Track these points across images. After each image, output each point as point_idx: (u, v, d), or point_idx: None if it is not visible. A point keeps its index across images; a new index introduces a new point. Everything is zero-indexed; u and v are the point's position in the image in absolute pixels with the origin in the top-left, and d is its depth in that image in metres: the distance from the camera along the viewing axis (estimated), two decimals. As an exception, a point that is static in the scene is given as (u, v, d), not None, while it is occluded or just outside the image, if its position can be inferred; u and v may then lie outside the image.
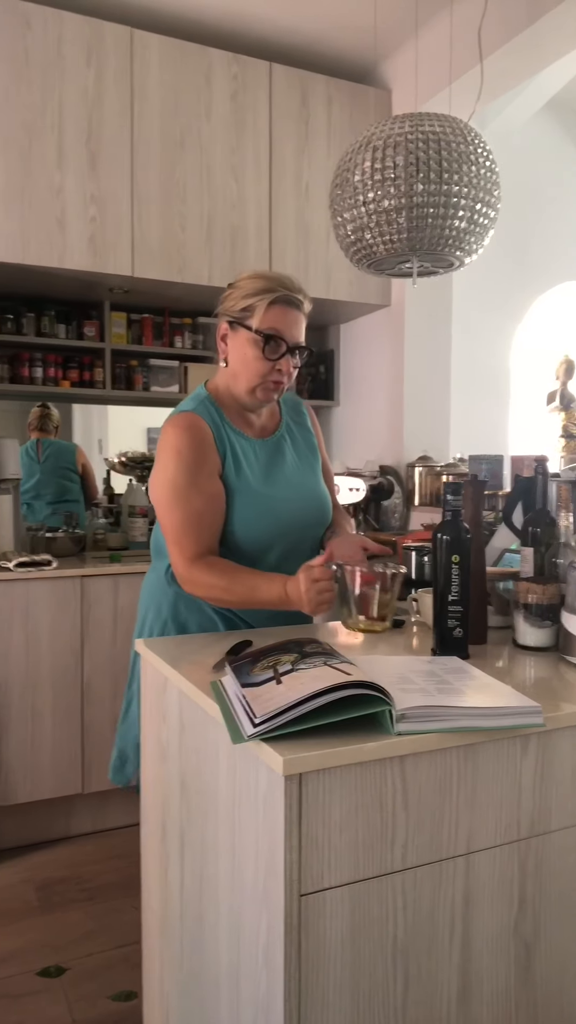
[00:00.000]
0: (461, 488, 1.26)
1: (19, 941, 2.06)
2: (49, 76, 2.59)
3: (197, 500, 1.45)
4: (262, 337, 1.48)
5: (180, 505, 1.45)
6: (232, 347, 1.53)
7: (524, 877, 1.05)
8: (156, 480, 1.50)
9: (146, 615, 1.62)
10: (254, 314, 1.48)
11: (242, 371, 1.52)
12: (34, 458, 3.26)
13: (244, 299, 1.49)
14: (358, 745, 0.92)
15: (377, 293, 3.21)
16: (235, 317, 1.51)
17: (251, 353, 1.50)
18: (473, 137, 1.78)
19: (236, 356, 1.52)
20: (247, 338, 1.50)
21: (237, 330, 1.51)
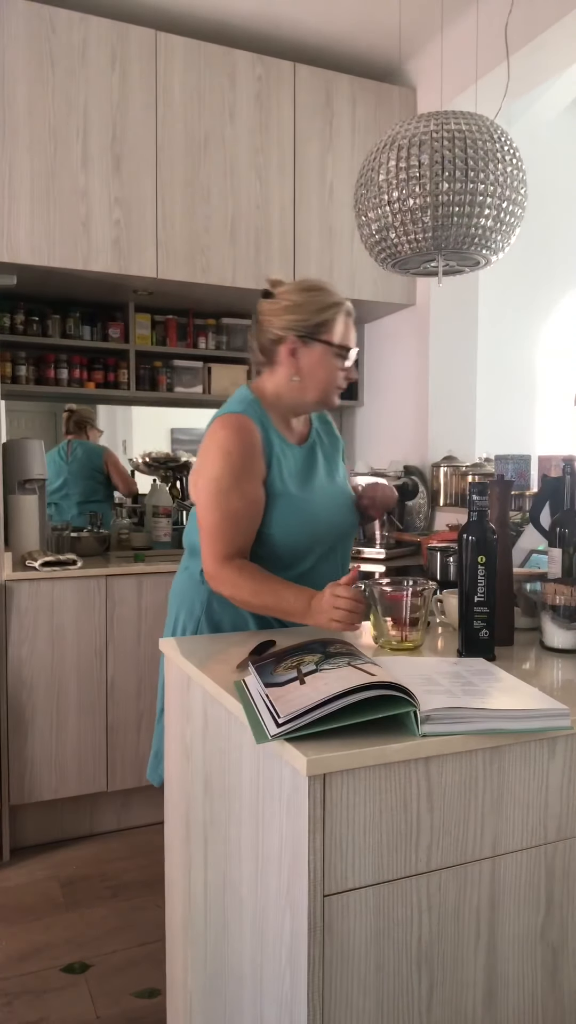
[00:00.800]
0: (487, 488, 1.25)
1: (44, 937, 2.08)
2: (74, 80, 2.61)
3: (238, 502, 1.47)
4: (344, 350, 1.56)
5: (220, 505, 1.47)
6: (305, 360, 1.56)
7: (551, 881, 1.04)
8: (201, 477, 1.52)
9: (178, 614, 1.63)
10: (331, 329, 1.55)
11: (316, 382, 1.56)
12: (64, 458, 3.30)
13: (317, 314, 1.54)
14: (382, 746, 0.91)
15: (402, 292, 3.20)
16: (308, 332, 1.55)
17: (330, 364, 1.56)
18: (499, 135, 1.76)
19: (310, 368, 1.56)
20: (324, 351, 1.55)
21: (310, 344, 1.55)
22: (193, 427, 3.53)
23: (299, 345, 1.55)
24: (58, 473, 3.30)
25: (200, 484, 1.51)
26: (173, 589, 1.68)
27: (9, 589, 2.47)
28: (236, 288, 2.90)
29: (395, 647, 1.33)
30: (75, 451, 3.33)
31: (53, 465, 3.28)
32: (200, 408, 3.45)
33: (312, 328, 1.54)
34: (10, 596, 2.48)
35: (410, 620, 1.32)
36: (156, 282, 2.81)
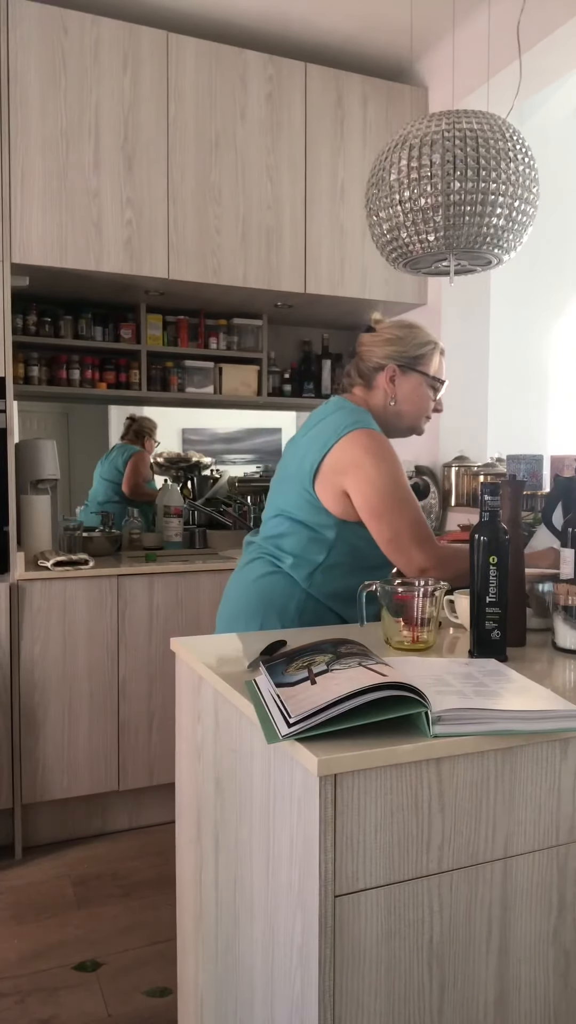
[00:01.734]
0: (499, 488, 1.25)
1: (56, 935, 2.08)
2: (86, 81, 2.62)
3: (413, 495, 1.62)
4: (438, 383, 1.75)
5: (411, 504, 1.59)
6: (402, 388, 1.72)
7: (564, 883, 1.04)
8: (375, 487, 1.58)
9: (265, 616, 1.65)
10: (429, 362, 1.74)
11: (411, 410, 1.74)
12: (102, 462, 3.37)
13: (416, 347, 1.73)
14: (394, 747, 0.91)
15: (413, 292, 3.20)
16: (407, 362, 1.72)
17: (424, 394, 1.74)
18: (511, 134, 1.76)
19: (407, 397, 1.73)
20: (420, 381, 1.73)
21: (409, 374, 1.72)
22: (204, 427, 3.54)
23: (398, 373, 1.71)
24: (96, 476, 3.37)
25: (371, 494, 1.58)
26: (252, 592, 1.69)
27: (22, 589, 2.49)
28: (247, 288, 2.90)
29: (406, 647, 1.32)
30: (111, 453, 3.37)
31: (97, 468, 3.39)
32: (211, 408, 3.46)
33: (411, 359, 1.72)
34: (23, 596, 2.49)
35: (422, 620, 1.32)
36: (167, 283, 2.82)
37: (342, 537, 1.62)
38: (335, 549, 1.63)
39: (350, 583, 1.60)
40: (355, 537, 1.62)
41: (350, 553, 1.63)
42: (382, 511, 1.57)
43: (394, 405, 1.72)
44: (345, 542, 1.62)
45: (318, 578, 1.64)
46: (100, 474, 3.37)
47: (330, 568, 1.63)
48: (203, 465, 3.50)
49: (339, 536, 1.62)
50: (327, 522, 1.62)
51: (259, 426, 3.61)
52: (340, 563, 1.63)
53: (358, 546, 1.62)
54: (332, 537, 1.62)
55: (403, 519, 1.56)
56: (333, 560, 1.63)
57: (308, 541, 1.64)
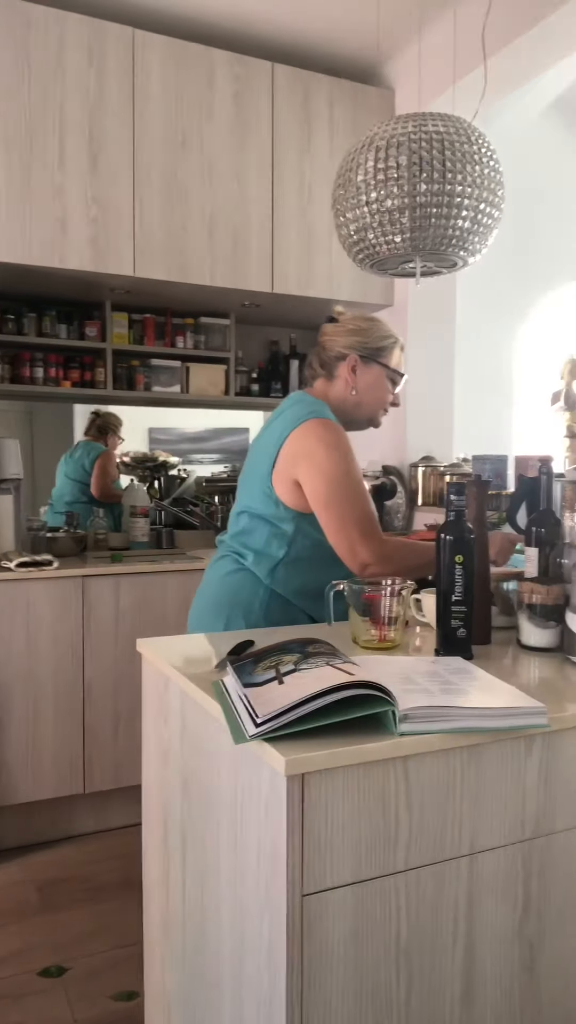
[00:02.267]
0: (465, 488, 1.26)
1: (20, 941, 2.05)
2: (50, 76, 2.59)
3: (363, 489, 1.62)
4: (396, 376, 1.75)
5: (360, 495, 1.59)
6: (362, 379, 1.72)
7: (528, 878, 1.05)
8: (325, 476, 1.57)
9: (231, 615, 1.64)
10: (390, 354, 1.74)
11: (370, 401, 1.74)
12: (66, 459, 3.30)
13: (379, 340, 1.73)
14: (361, 745, 0.91)
15: (380, 293, 3.21)
16: (369, 353, 1.72)
17: (383, 387, 1.74)
18: (477, 137, 1.78)
19: (367, 387, 1.73)
20: (381, 374, 1.73)
21: (370, 365, 1.72)
22: (171, 426, 3.52)
23: (359, 363, 1.71)
24: (59, 474, 3.31)
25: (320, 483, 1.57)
26: (218, 591, 1.68)
27: (-16, 590, 2.45)
28: (214, 287, 2.89)
29: (374, 646, 1.33)
30: (76, 451, 3.31)
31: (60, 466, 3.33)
32: (178, 407, 3.44)
33: (373, 351, 1.72)
34: (-15, 597, 2.45)
35: (389, 619, 1.32)
36: (133, 281, 2.80)
37: (301, 530, 1.62)
38: (295, 543, 1.62)
39: (313, 578, 1.60)
40: (315, 530, 1.61)
41: (312, 547, 1.62)
42: (329, 501, 1.56)
43: (354, 395, 1.72)
44: (305, 536, 1.62)
45: (280, 574, 1.63)
46: (66, 473, 3.32)
47: (292, 563, 1.63)
48: (170, 465, 3.47)
49: (298, 530, 1.62)
50: (285, 516, 1.62)
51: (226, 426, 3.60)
52: (302, 557, 1.63)
53: (319, 540, 1.61)
54: (291, 531, 1.62)
55: (351, 511, 1.56)
56: (295, 555, 1.63)
57: (269, 536, 1.64)
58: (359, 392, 1.72)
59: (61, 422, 3.36)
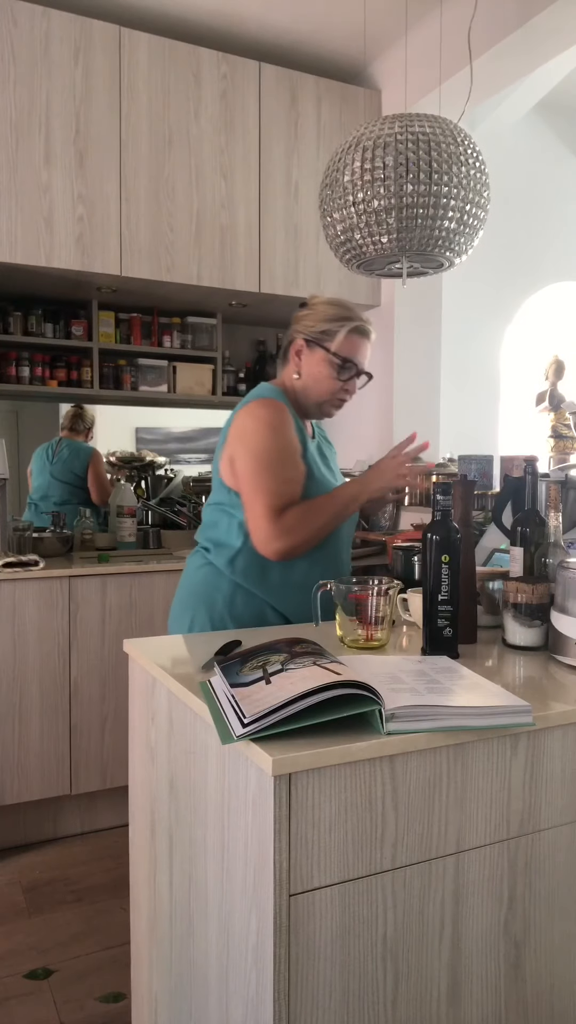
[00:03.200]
0: (451, 488, 1.26)
1: (6, 944, 2.04)
2: (36, 74, 2.58)
3: (292, 471, 1.57)
4: (339, 360, 1.64)
5: (275, 473, 1.54)
6: (306, 363, 1.67)
7: (514, 876, 1.06)
8: (248, 450, 1.55)
9: (195, 611, 1.63)
10: (333, 338, 1.64)
11: (314, 387, 1.67)
12: (49, 459, 3.25)
13: (324, 322, 1.65)
14: (348, 745, 0.92)
15: (367, 293, 3.22)
16: (313, 337, 1.65)
17: (325, 372, 1.65)
18: (463, 138, 1.78)
19: (310, 372, 1.67)
20: (323, 358, 1.65)
21: (314, 349, 1.66)
22: (158, 426, 3.51)
23: (304, 348, 1.67)
24: (40, 474, 3.26)
25: (244, 459, 1.55)
26: (186, 587, 1.68)
27: (-30, 590, 2.43)
28: (201, 287, 2.88)
29: (360, 646, 1.33)
30: (62, 451, 3.27)
31: (38, 466, 3.25)
32: (165, 407, 3.43)
33: (318, 335, 1.65)
34: (-29, 597, 2.43)
35: (375, 619, 1.33)
36: (120, 280, 2.79)
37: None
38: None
39: (273, 566, 1.59)
40: None
41: None
42: (246, 475, 1.55)
43: (298, 379, 1.67)
44: None
45: (240, 564, 1.61)
46: (52, 473, 3.29)
47: (251, 551, 1.60)
48: (157, 464, 3.46)
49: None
50: (236, 502, 1.60)
51: (214, 425, 3.59)
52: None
53: None
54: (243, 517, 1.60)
55: (261, 485, 1.53)
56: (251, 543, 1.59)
57: (227, 526, 1.62)
58: (303, 377, 1.67)
59: (47, 422, 3.34)
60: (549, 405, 3.44)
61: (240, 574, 1.61)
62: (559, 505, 1.46)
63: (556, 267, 3.87)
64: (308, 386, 1.67)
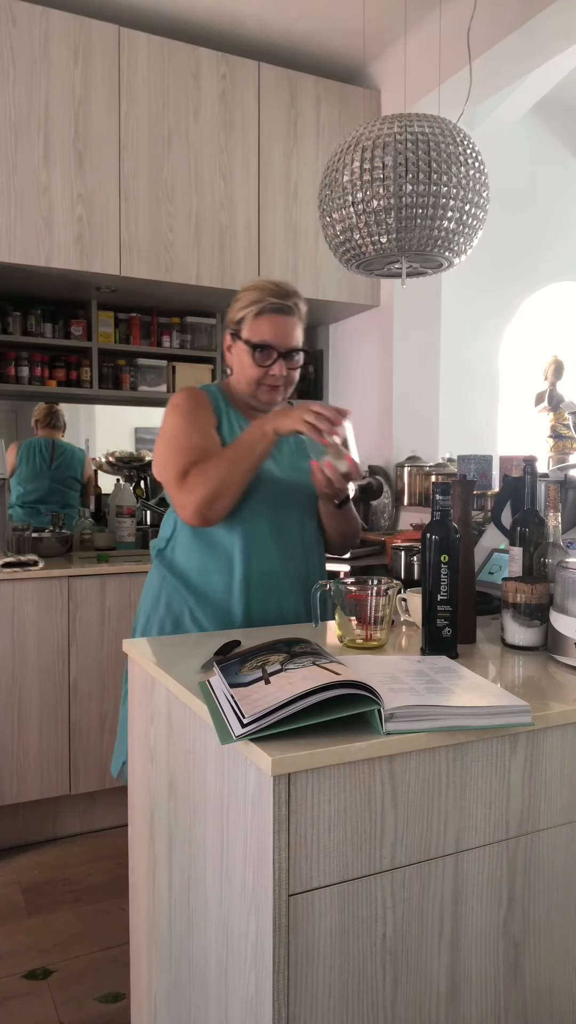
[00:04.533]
0: (450, 488, 1.26)
1: (5, 944, 2.04)
2: (35, 74, 2.58)
3: (197, 438, 1.53)
4: (251, 347, 1.57)
5: (180, 444, 1.53)
6: (233, 356, 1.63)
7: (513, 876, 1.06)
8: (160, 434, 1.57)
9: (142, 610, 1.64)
10: (245, 325, 1.58)
11: (241, 377, 1.62)
12: (47, 461, 3.22)
13: (239, 311, 1.60)
14: (347, 745, 0.92)
15: (366, 293, 3.22)
16: (233, 329, 1.62)
17: (246, 361, 1.59)
18: (462, 138, 1.78)
19: (235, 364, 1.63)
20: (242, 348, 1.59)
21: (236, 340, 1.61)
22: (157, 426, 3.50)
23: (230, 341, 1.63)
24: (38, 476, 3.22)
25: (158, 444, 1.57)
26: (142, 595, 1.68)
27: (-31, 590, 2.43)
28: (200, 287, 2.88)
29: (360, 646, 1.33)
30: (60, 456, 3.24)
31: (32, 468, 3.21)
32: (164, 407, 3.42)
33: (235, 325, 1.61)
34: (-30, 597, 2.43)
35: (375, 619, 1.33)
36: (119, 280, 2.79)
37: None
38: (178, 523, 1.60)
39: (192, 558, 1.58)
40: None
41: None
42: (158, 457, 1.56)
43: (230, 373, 1.64)
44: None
45: (168, 555, 1.62)
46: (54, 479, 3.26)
47: (177, 539, 1.61)
48: (154, 463, 3.46)
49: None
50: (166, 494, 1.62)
51: (213, 425, 3.59)
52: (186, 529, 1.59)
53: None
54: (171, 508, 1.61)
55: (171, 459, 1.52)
56: (179, 529, 1.60)
57: (165, 521, 1.66)
58: (234, 372, 1.63)
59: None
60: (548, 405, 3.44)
61: (167, 563, 1.61)
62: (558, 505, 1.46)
63: (555, 267, 3.87)
64: (238, 379, 1.62)
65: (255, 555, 1.55)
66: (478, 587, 1.66)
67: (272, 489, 1.57)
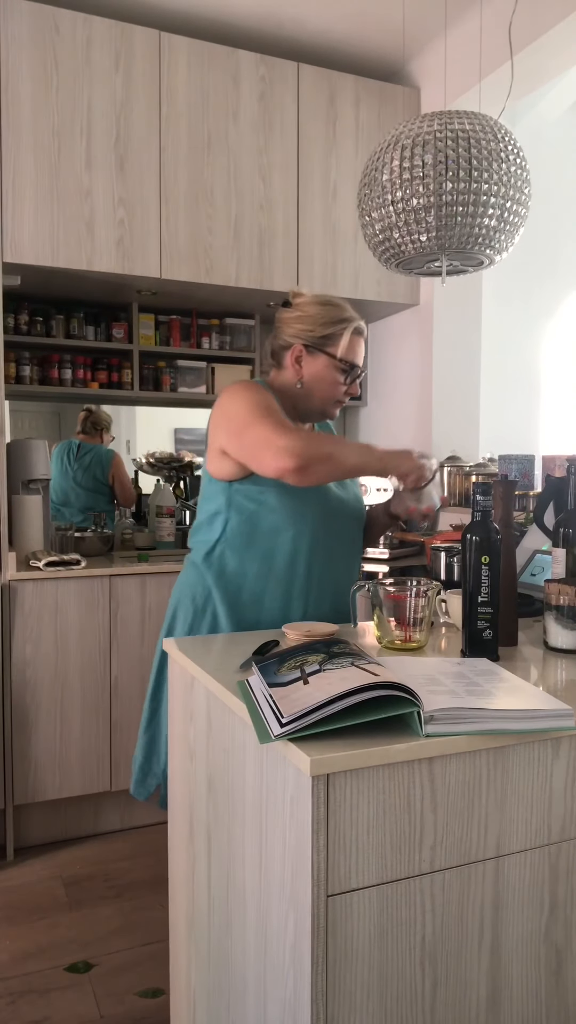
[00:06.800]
0: (491, 488, 1.25)
1: (47, 937, 2.08)
2: (78, 80, 2.62)
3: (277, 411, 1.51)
4: (346, 365, 1.62)
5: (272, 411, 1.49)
6: (308, 369, 1.62)
7: (555, 881, 1.04)
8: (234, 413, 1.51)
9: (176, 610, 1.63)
10: (337, 342, 1.61)
11: (318, 391, 1.63)
12: (70, 464, 3.27)
13: (324, 326, 1.61)
14: (386, 746, 0.91)
15: (406, 292, 3.20)
16: (314, 342, 1.61)
17: (331, 377, 1.62)
18: (503, 135, 1.76)
19: (312, 377, 1.62)
20: (327, 363, 1.61)
21: (315, 354, 1.61)
22: (197, 427, 3.54)
23: (304, 354, 1.62)
24: (61, 479, 3.25)
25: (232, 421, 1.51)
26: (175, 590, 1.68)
27: (13, 589, 2.48)
28: (239, 288, 2.90)
29: (399, 647, 1.33)
30: (83, 457, 3.29)
31: (58, 470, 3.24)
32: (204, 408, 3.45)
33: (318, 340, 1.61)
34: (14, 596, 2.48)
35: (414, 620, 1.32)
36: (160, 282, 2.81)
37: (233, 504, 1.56)
38: (230, 521, 1.57)
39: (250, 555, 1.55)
40: (247, 501, 1.55)
41: (246, 521, 1.56)
42: (240, 430, 1.48)
43: (300, 388, 1.62)
44: (237, 510, 1.56)
45: (216, 556, 1.58)
46: (75, 479, 3.29)
47: (228, 542, 1.57)
48: (196, 465, 3.49)
49: (230, 503, 1.57)
50: (216, 491, 1.58)
51: (251, 426, 3.60)
52: (237, 532, 1.57)
53: (253, 511, 1.55)
54: (224, 506, 1.57)
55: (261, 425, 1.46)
56: (229, 532, 1.57)
57: (208, 519, 1.60)
58: (305, 384, 1.62)
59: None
60: (592, 404, 3.37)
61: (215, 565, 1.58)
62: (602, 506, 1.44)
63: (599, 263, 3.79)
64: (312, 393, 1.62)
65: (316, 562, 1.58)
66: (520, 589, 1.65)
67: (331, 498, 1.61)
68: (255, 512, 1.55)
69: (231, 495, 1.56)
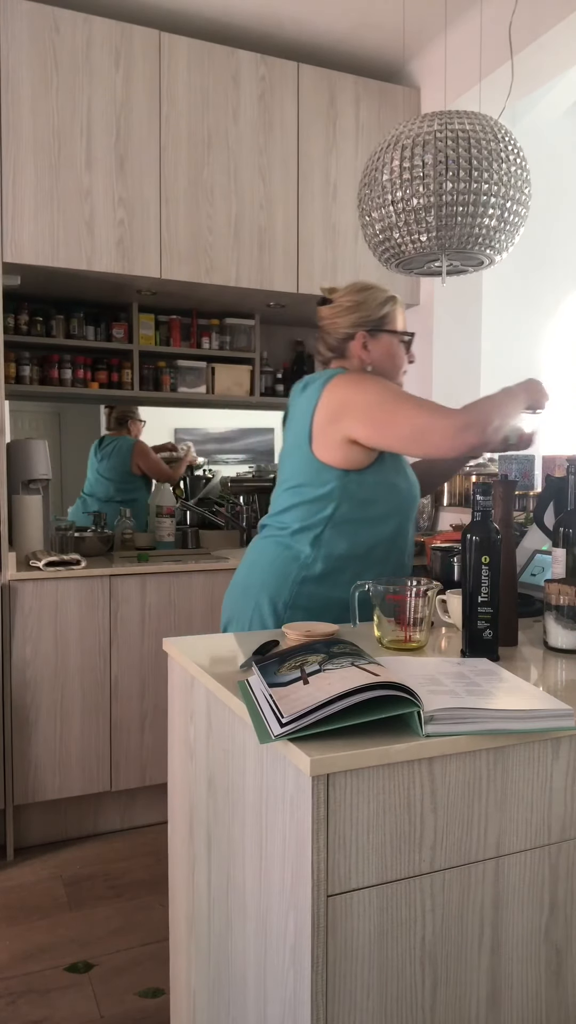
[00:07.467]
0: (491, 488, 1.25)
1: (47, 937, 2.08)
2: (78, 80, 2.62)
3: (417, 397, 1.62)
4: (408, 336, 1.78)
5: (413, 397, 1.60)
6: (375, 351, 1.74)
7: (555, 881, 1.04)
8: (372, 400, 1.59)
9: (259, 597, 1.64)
10: (393, 319, 1.75)
11: (388, 367, 1.75)
12: (96, 457, 3.32)
13: (379, 308, 1.74)
14: (386, 746, 0.91)
15: (406, 292, 3.20)
16: (374, 325, 1.74)
17: (396, 351, 1.76)
18: (503, 135, 1.76)
19: (381, 356, 1.75)
20: (390, 340, 1.75)
21: (377, 336, 1.74)
22: (197, 427, 3.54)
23: (368, 339, 1.73)
24: (91, 469, 3.32)
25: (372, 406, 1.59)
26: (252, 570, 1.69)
27: (13, 589, 2.48)
28: (239, 288, 2.90)
29: (399, 647, 1.33)
30: (105, 448, 3.33)
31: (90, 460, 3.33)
32: (203, 408, 3.45)
33: (377, 321, 1.74)
34: (14, 596, 2.48)
35: (414, 620, 1.32)
36: (160, 282, 2.81)
37: (347, 491, 1.63)
38: (340, 507, 1.63)
39: (358, 540, 1.63)
40: (360, 488, 1.63)
41: (358, 507, 1.63)
42: (387, 419, 1.57)
43: (371, 370, 1.73)
44: (350, 497, 1.63)
45: (326, 538, 1.63)
46: (99, 471, 3.34)
47: (337, 526, 1.63)
48: (196, 465, 3.49)
49: (344, 490, 1.63)
50: (329, 478, 1.63)
51: (252, 426, 3.60)
52: (348, 519, 1.63)
53: (364, 498, 1.63)
54: (337, 493, 1.62)
55: (412, 409, 1.57)
56: (340, 517, 1.63)
57: (312, 503, 1.64)
58: (375, 366, 1.73)
59: (89, 423, 3.39)
60: (592, 404, 3.37)
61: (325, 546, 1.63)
62: (602, 506, 1.44)
63: (599, 263, 3.79)
64: (383, 369, 1.74)
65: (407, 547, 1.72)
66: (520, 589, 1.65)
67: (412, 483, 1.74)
68: (367, 498, 1.64)
69: (346, 483, 1.63)
